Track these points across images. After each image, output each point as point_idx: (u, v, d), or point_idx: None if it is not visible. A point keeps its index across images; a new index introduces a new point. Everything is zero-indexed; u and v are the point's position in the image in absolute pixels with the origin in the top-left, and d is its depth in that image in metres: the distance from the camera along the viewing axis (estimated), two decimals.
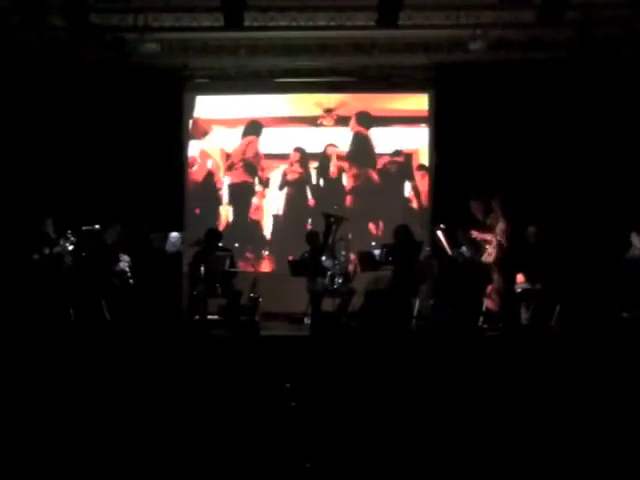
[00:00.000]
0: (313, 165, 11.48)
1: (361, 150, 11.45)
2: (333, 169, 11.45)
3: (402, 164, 11.38)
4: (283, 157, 11.52)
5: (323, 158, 11.47)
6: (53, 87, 10.72)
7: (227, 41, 10.37)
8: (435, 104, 11.23)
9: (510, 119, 10.71)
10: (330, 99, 11.44)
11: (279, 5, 9.54)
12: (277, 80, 11.22)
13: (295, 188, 11.49)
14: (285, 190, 11.51)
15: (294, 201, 11.50)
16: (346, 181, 11.46)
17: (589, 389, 5.74)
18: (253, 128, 11.50)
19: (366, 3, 9.28)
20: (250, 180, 11.52)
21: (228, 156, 11.52)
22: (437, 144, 11.20)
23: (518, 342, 8.34)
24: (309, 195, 11.46)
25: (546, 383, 5.99)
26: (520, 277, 9.29)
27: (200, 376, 6.18)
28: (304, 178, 11.49)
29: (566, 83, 10.64)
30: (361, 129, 11.45)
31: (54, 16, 9.26)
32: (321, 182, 11.48)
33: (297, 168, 11.50)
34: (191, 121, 11.46)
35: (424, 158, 11.34)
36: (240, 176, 11.53)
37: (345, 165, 11.46)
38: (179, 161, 11.32)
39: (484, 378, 6.17)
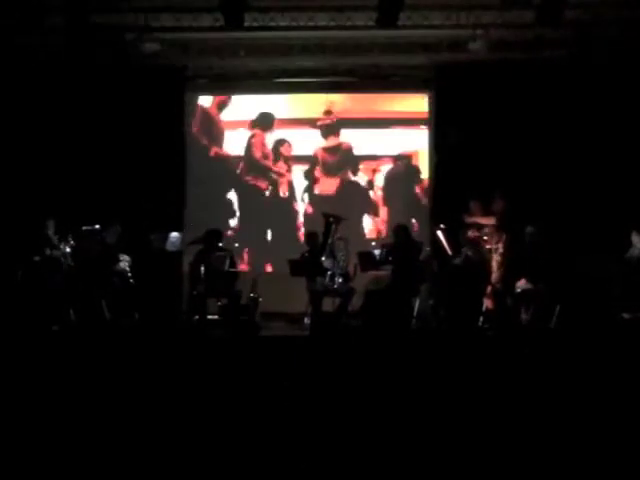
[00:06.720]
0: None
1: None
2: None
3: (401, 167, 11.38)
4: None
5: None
6: (53, 87, 10.69)
7: (227, 41, 10.38)
8: (435, 104, 11.22)
9: (510, 119, 10.70)
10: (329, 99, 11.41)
11: (279, 5, 9.54)
12: (277, 80, 11.22)
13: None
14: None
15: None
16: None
17: (589, 390, 5.74)
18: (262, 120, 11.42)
19: (366, 3, 9.28)
20: (254, 182, 11.48)
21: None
22: (437, 144, 11.19)
23: (518, 342, 8.34)
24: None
25: (546, 383, 5.99)
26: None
27: (200, 376, 6.18)
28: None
29: (566, 83, 10.63)
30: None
31: (54, 16, 9.26)
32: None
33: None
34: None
35: (423, 161, 11.33)
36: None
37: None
38: (180, 161, 11.31)
39: (484, 378, 6.17)
